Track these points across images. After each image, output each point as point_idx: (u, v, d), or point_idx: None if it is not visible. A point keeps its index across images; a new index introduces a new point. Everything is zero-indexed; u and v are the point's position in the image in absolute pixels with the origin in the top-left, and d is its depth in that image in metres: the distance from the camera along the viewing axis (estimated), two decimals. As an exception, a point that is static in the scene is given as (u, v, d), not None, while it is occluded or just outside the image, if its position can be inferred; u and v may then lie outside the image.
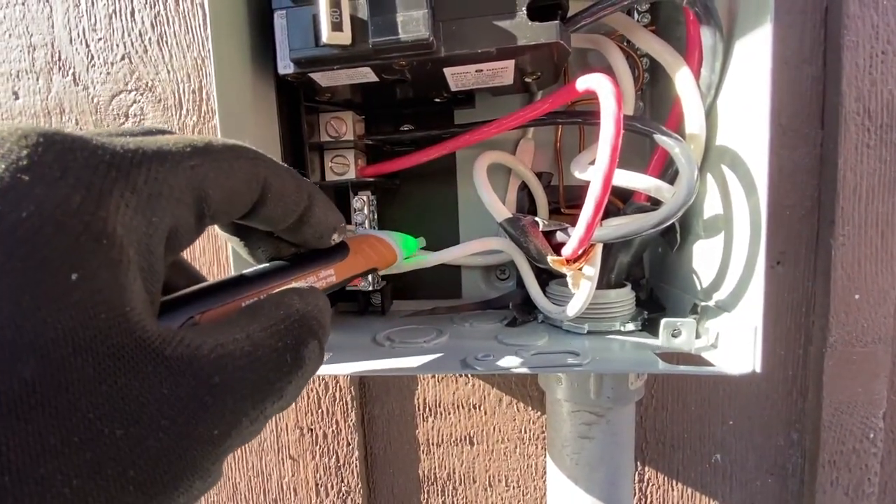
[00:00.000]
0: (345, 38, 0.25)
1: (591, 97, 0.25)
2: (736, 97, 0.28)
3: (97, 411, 0.11)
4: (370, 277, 0.36)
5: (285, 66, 0.27)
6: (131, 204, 0.12)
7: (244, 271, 0.18)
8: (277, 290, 0.18)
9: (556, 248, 0.30)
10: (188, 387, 0.12)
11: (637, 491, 0.44)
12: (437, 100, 0.35)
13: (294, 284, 0.19)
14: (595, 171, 0.24)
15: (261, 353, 0.14)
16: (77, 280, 0.11)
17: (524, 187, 0.38)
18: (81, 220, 0.11)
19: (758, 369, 0.25)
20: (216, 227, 0.19)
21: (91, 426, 0.11)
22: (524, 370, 0.27)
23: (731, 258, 0.28)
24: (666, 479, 0.43)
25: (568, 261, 0.29)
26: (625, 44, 0.33)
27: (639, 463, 0.43)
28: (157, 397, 0.12)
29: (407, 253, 0.28)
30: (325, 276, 0.21)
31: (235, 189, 0.15)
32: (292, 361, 0.15)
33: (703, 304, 0.30)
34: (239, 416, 0.13)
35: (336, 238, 0.21)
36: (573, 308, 0.31)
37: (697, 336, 0.29)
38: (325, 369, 0.29)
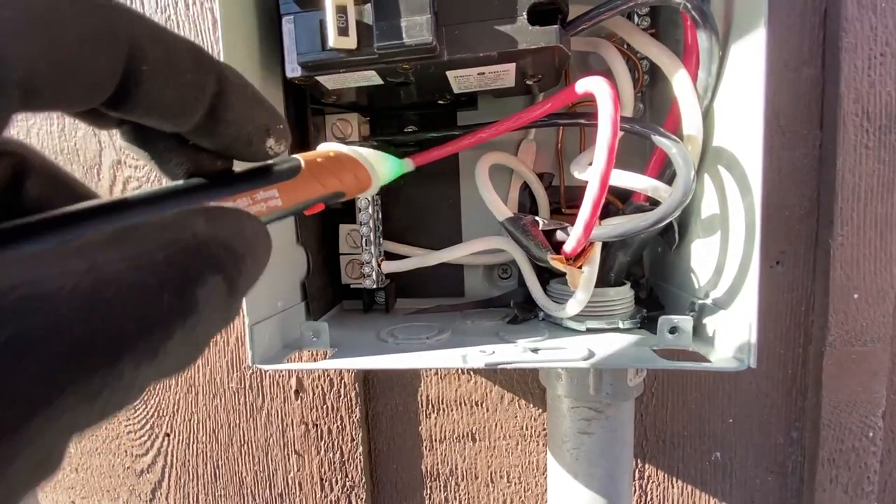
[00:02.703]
0: (350, 42, 0.26)
1: (592, 99, 0.25)
2: (732, 99, 0.28)
3: None
4: (373, 274, 0.37)
5: (293, 70, 0.28)
6: None
7: (127, 194, 0.13)
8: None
9: (556, 247, 0.31)
10: None
11: (637, 488, 0.44)
12: (441, 102, 0.36)
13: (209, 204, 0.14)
14: (592, 171, 0.24)
15: (110, 295, 0.09)
16: None
17: (526, 187, 0.39)
18: None
19: (753, 365, 0.26)
20: (118, 136, 0.15)
21: None
22: (524, 365, 0.28)
23: (727, 257, 0.29)
24: (666, 476, 0.44)
25: (567, 259, 0.30)
26: (624, 47, 0.34)
27: (639, 460, 0.44)
28: None
29: (386, 179, 0.22)
30: (264, 199, 0.15)
31: (64, 38, 0.10)
32: (171, 305, 0.10)
33: (700, 301, 0.31)
34: (50, 390, 0.08)
35: (274, 145, 0.15)
36: (573, 306, 0.32)
37: (695, 333, 0.30)
38: (330, 364, 0.29)
